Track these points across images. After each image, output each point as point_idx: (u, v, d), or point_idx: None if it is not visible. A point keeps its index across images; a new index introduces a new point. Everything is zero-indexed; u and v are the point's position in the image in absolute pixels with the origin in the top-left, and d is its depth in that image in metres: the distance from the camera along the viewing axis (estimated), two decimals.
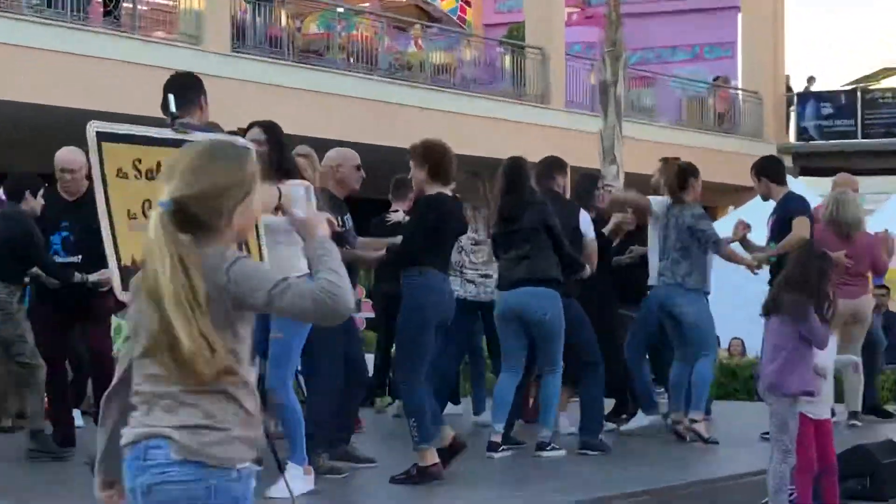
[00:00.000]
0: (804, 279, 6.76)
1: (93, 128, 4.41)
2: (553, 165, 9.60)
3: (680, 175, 9.68)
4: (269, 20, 19.77)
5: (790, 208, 9.72)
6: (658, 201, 9.76)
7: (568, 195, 10.30)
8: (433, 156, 7.67)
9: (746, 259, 9.77)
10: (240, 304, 2.40)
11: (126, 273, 4.27)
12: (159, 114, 5.27)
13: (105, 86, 14.39)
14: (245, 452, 2.43)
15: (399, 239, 8.16)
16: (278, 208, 6.19)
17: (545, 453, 8.60)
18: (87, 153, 4.89)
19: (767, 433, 7.53)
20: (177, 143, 4.57)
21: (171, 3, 19.02)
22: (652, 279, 9.76)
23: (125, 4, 17.46)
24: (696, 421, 9.33)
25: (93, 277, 7.96)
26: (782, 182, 10.06)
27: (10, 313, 8.31)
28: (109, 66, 15.29)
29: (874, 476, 5.97)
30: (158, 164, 4.43)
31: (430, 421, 7.73)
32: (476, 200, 9.23)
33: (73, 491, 6.83)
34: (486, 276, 9.81)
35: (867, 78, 37.07)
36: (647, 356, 10.54)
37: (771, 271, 9.35)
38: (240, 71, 17.14)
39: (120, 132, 4.61)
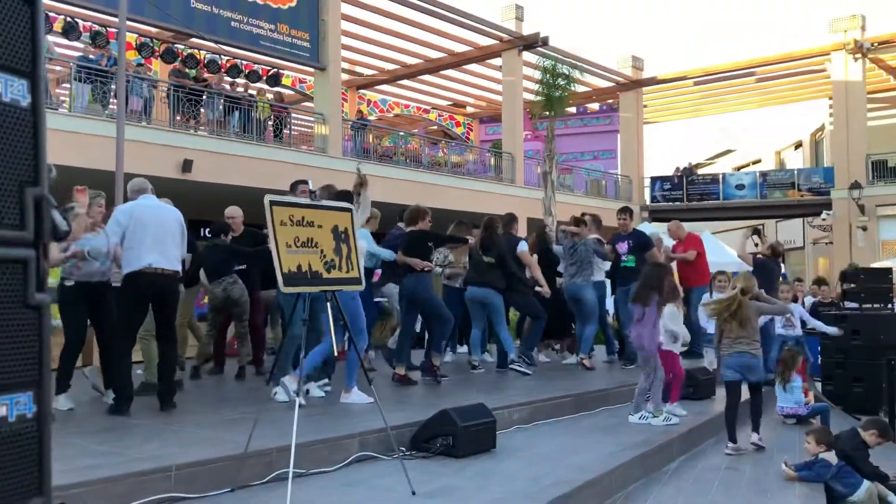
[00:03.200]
0: (651, 280, 6.71)
1: (267, 199, 4.29)
2: (512, 219, 9.59)
3: (579, 223, 9.57)
4: (363, 139, 20.40)
5: (640, 237, 9.81)
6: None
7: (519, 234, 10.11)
8: (416, 213, 7.88)
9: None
10: None
11: (285, 277, 4.26)
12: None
13: (271, 175, 14.40)
14: None
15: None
16: None
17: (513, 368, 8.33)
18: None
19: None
20: (311, 206, 4.66)
21: (310, 130, 19.64)
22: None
23: (285, 131, 18.09)
24: (584, 358, 9.18)
25: None
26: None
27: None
28: (275, 164, 15.44)
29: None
30: (303, 217, 4.41)
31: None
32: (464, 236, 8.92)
33: None
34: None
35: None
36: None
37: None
38: (347, 167, 17.01)
39: (282, 200, 4.41)
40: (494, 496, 4.21)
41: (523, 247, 9.13)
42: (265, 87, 18.71)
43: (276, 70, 18.15)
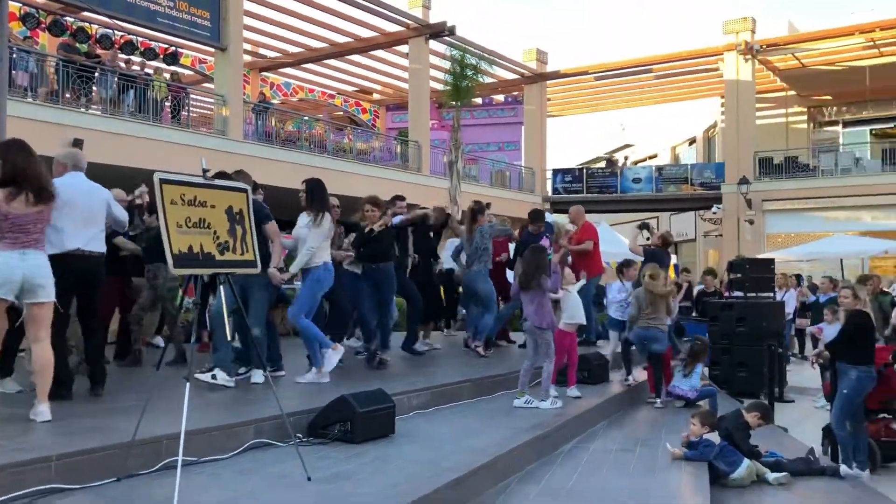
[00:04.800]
0: (532, 264, 6.90)
1: (157, 176, 4.12)
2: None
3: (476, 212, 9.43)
4: (266, 122, 19.96)
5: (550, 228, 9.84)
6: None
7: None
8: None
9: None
10: None
11: (175, 258, 4.10)
12: (195, 171, 5.07)
13: (168, 157, 14.04)
14: None
15: None
16: None
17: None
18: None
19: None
20: (206, 186, 4.47)
21: (210, 112, 19.05)
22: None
23: (183, 113, 17.49)
24: (478, 346, 9.01)
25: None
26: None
27: None
28: (172, 146, 15.02)
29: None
30: (195, 197, 4.24)
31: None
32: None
33: None
34: None
35: (590, 161, 38.48)
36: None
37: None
38: (248, 150, 16.82)
39: (172, 178, 4.22)
40: (391, 480, 4.21)
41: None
42: (162, 65, 18.00)
43: (174, 49, 17.49)
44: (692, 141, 34.12)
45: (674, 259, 19.67)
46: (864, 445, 6.69)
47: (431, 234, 9.68)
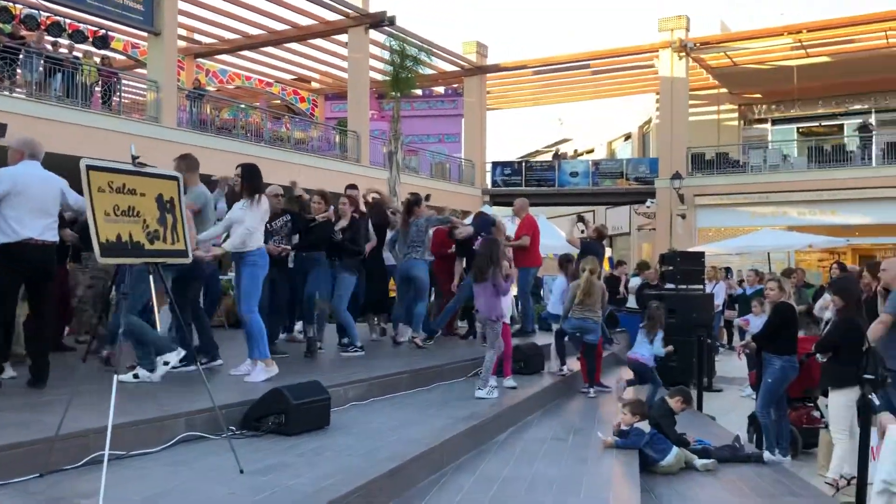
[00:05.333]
0: (485, 256, 7.06)
1: (83, 162, 4.00)
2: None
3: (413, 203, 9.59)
4: (200, 110, 19.53)
5: (486, 220, 9.97)
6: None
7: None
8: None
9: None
10: None
11: (103, 247, 4.00)
12: (127, 159, 4.72)
13: (98, 143, 13.66)
14: None
15: None
16: None
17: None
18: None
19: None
20: (135, 173, 4.31)
21: (143, 98, 18.55)
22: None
23: (115, 98, 17.00)
24: (416, 336, 9.08)
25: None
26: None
27: None
28: (103, 132, 14.59)
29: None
30: (123, 184, 4.13)
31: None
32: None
33: None
34: None
35: (529, 154, 38.78)
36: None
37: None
38: (182, 138, 16.35)
39: (100, 165, 4.09)
40: (325, 471, 4.19)
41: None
42: (92, 49, 17.43)
43: (104, 32, 16.97)
44: (628, 136, 34.73)
45: (608, 252, 20.03)
46: (786, 432, 6.96)
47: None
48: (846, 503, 5.54)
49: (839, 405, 6.08)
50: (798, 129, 28.38)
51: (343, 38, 23.27)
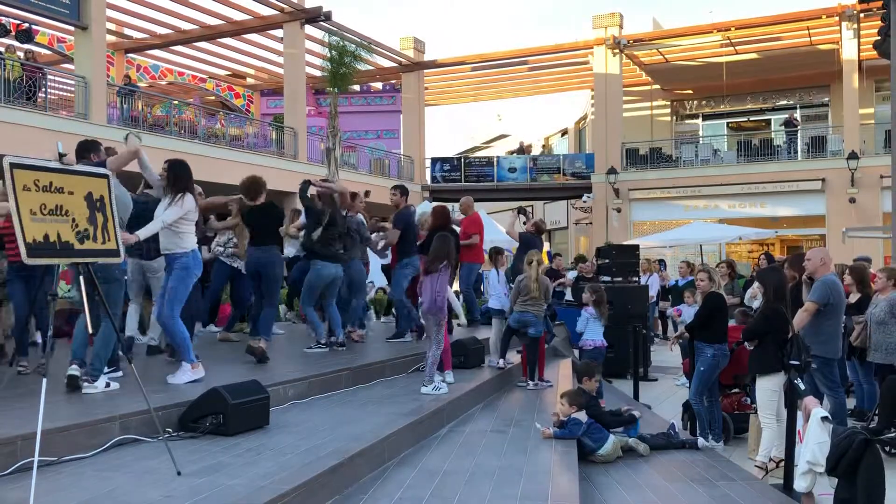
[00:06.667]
0: (439, 252, 7.13)
1: (7, 160, 3.91)
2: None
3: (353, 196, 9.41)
4: (132, 106, 19.03)
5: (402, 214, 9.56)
6: None
7: None
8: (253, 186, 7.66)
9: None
10: None
11: (29, 248, 3.91)
12: (52, 156, 4.56)
13: (22, 142, 13.25)
14: None
15: None
16: None
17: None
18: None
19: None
20: (60, 171, 4.21)
21: (71, 95, 17.99)
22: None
23: (40, 95, 16.45)
24: (353, 331, 8.98)
25: None
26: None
27: None
28: (28, 130, 14.23)
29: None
30: (51, 183, 4.06)
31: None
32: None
33: None
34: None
35: (468, 151, 38.95)
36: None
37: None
38: (112, 135, 15.94)
39: (25, 163, 3.99)
40: (265, 470, 4.15)
41: None
42: (15, 43, 16.83)
43: (28, 25, 16.39)
44: (564, 132, 35.21)
45: (546, 246, 20.27)
46: (719, 419, 7.19)
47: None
48: (775, 485, 5.73)
49: (766, 390, 6.30)
50: (728, 124, 29.22)
51: (278, 33, 22.98)
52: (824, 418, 4.65)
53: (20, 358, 6.49)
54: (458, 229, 10.25)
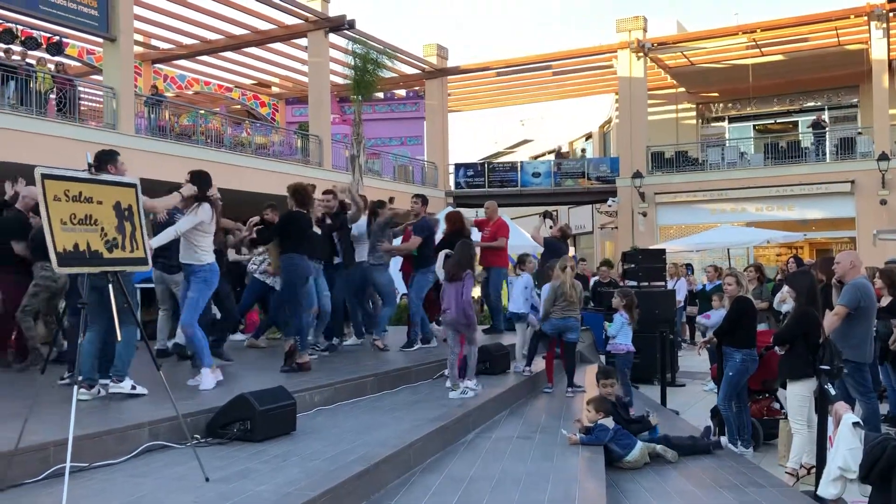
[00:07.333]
0: (464, 259, 7.15)
1: (38, 171, 3.99)
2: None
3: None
4: (159, 116, 19.29)
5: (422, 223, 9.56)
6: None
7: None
8: (299, 193, 7.67)
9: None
10: None
11: (60, 257, 3.97)
12: (82, 166, 4.59)
13: (54, 152, 13.46)
14: None
15: None
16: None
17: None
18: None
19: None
20: (91, 181, 4.27)
21: (99, 105, 18.27)
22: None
23: (70, 106, 16.70)
24: (377, 339, 9.09)
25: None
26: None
27: None
28: (59, 140, 14.42)
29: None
30: (80, 193, 4.10)
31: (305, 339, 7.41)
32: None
33: None
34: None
35: (492, 156, 38.90)
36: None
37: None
38: (140, 145, 16.38)
39: (56, 173, 4.07)
40: (292, 476, 4.17)
41: None
42: (46, 56, 17.14)
43: (58, 38, 16.67)
44: (588, 136, 35.06)
45: (571, 251, 20.18)
46: (747, 424, 7.09)
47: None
48: (806, 492, 5.64)
49: (797, 396, 6.20)
50: (754, 126, 28.93)
51: (303, 42, 23.17)
52: (855, 424, 4.57)
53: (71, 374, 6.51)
54: (474, 230, 10.20)
